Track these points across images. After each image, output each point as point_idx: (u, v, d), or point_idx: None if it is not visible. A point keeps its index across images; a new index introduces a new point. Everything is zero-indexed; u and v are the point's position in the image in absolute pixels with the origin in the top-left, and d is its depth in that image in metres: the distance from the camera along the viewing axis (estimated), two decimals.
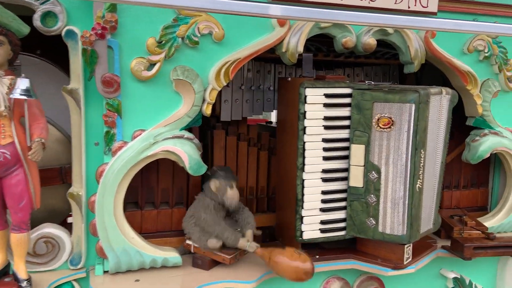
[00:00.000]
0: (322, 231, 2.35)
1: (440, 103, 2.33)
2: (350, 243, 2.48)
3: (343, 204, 2.37)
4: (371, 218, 2.30)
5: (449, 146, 2.89)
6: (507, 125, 2.85)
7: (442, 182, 2.52)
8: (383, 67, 3.05)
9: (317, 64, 2.86)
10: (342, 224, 2.38)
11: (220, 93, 2.70)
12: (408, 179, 2.21)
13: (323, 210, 2.34)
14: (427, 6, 2.47)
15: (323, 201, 2.34)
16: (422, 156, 2.25)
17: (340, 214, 2.38)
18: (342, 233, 2.39)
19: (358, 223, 2.34)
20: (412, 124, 2.17)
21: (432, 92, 2.25)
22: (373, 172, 2.26)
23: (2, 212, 2.00)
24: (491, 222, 2.87)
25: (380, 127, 2.21)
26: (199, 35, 2.13)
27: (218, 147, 2.64)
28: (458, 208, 2.98)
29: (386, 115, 2.20)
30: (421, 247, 2.54)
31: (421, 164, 2.25)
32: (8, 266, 2.08)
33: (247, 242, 2.21)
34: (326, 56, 2.71)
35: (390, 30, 2.44)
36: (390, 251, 2.35)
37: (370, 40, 2.40)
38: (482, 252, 2.47)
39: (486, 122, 2.77)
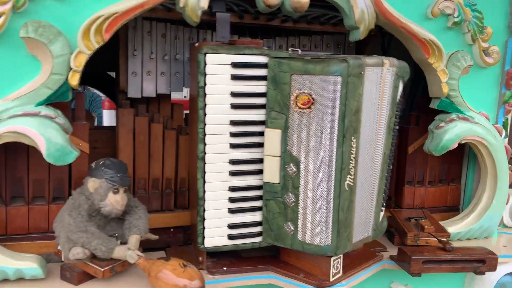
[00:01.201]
0: (230, 237, 1.86)
1: (381, 78, 1.80)
2: (277, 251, 1.99)
3: (258, 203, 1.87)
4: (289, 223, 1.80)
5: (413, 134, 2.40)
6: (482, 109, 2.33)
7: (388, 179, 2.01)
8: (337, 36, 2.51)
9: (252, 31, 2.35)
10: (257, 229, 1.89)
11: (126, 63, 2.22)
12: (333, 174, 1.70)
13: (231, 211, 1.84)
14: None
15: (231, 200, 1.83)
16: (354, 146, 1.73)
17: (255, 216, 1.88)
18: (258, 239, 1.90)
19: (275, 228, 1.85)
20: (338, 104, 1.65)
21: (369, 62, 1.72)
22: (291, 164, 1.75)
23: None
24: (458, 227, 2.37)
25: (299, 107, 1.70)
26: None
27: (124, 130, 2.16)
28: (420, 208, 2.48)
29: (305, 92, 1.68)
30: (362, 257, 2.05)
31: (353, 156, 1.74)
32: None
33: (127, 251, 1.73)
34: (255, 19, 2.18)
35: None
36: (315, 263, 1.86)
37: None
38: (434, 267, 1.96)
39: (454, 104, 2.25)
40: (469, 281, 2.36)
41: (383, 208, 2.02)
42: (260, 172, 1.84)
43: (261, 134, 1.81)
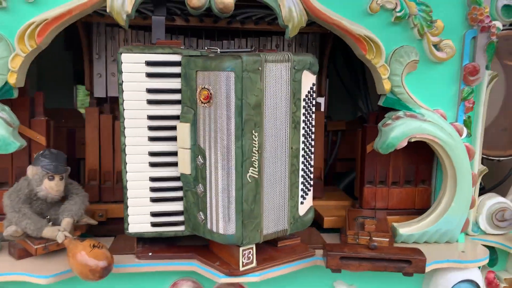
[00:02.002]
0: (153, 224, 1.99)
1: (288, 73, 1.83)
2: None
3: (179, 194, 1.98)
4: (200, 212, 1.90)
5: (372, 132, 2.36)
6: (439, 106, 2.23)
7: (307, 172, 2.01)
8: (299, 36, 2.54)
9: (209, 34, 2.48)
10: (180, 218, 2.00)
11: (91, 65, 2.47)
12: (233, 166, 1.77)
13: (153, 200, 1.98)
14: None
15: (153, 190, 1.97)
16: (256, 139, 1.78)
17: (177, 206, 2.00)
18: (181, 228, 2.01)
19: (192, 217, 1.95)
20: (233, 98, 1.73)
21: (270, 58, 1.77)
22: (200, 156, 1.85)
23: None
24: (411, 228, 2.29)
25: (202, 102, 1.80)
26: None
27: (90, 127, 2.41)
28: (380, 209, 2.42)
29: (205, 87, 1.78)
30: (293, 251, 2.07)
31: (255, 149, 1.79)
32: None
33: (57, 232, 1.94)
34: (201, 21, 2.30)
35: None
36: (229, 253, 1.92)
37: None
38: (354, 264, 1.93)
39: (401, 101, 2.19)
40: (427, 282, 2.25)
41: (304, 201, 2.02)
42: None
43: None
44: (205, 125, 1.81)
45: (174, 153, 1.95)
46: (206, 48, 1.96)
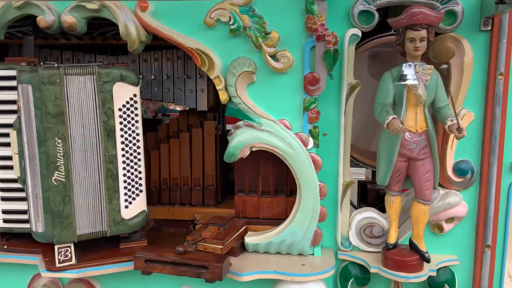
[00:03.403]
0: (4, 221, 2.25)
1: (95, 85, 1.99)
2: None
3: (24, 194, 2.22)
4: (28, 211, 2.11)
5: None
6: (284, 116, 2.22)
7: (135, 178, 2.13)
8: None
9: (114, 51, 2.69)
10: (26, 216, 2.23)
11: None
12: (37, 170, 1.97)
13: (3, 199, 2.23)
14: None
15: (1, 190, 2.23)
16: (60, 145, 1.96)
17: (23, 205, 2.23)
18: (28, 225, 2.24)
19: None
20: (32, 108, 1.93)
21: (70, 72, 1.95)
22: (22, 160, 2.07)
23: None
24: (256, 238, 2.30)
25: (18, 111, 2.02)
26: None
27: None
28: (243, 217, 2.44)
29: (17, 98, 2.00)
30: (129, 253, 2.18)
31: (60, 155, 1.97)
32: None
33: None
34: (80, 39, 2.54)
35: (92, 6, 2.17)
36: (53, 250, 2.10)
37: (67, 18, 2.18)
38: (158, 267, 1.99)
39: (241, 111, 2.22)
40: None
41: (130, 206, 2.13)
42: None
43: None
44: (22, 133, 2.02)
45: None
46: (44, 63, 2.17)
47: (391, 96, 2.08)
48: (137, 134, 2.12)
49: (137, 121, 2.11)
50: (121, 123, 2.06)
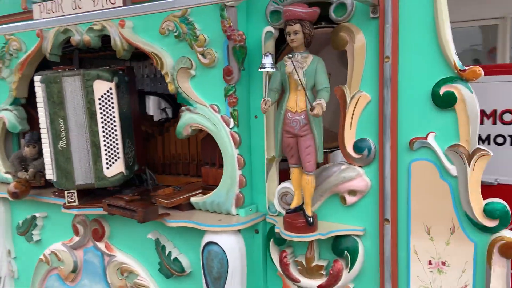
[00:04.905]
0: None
1: (80, 83, 2.91)
2: None
3: None
4: None
5: None
6: (213, 101, 2.79)
7: (113, 148, 2.97)
8: None
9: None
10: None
11: None
12: (51, 140, 2.99)
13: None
14: (115, 3, 2.99)
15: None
16: (62, 124, 2.95)
17: None
18: None
19: None
20: (46, 100, 2.96)
21: (66, 74, 2.92)
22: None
23: None
24: (197, 198, 2.88)
25: None
26: None
27: None
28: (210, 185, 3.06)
29: None
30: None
31: (62, 130, 2.95)
32: None
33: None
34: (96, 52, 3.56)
35: (97, 27, 3.12)
36: None
37: (84, 37, 3.18)
38: (113, 209, 2.80)
39: (185, 99, 2.86)
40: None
41: (110, 168, 2.98)
42: None
43: None
44: (45, 116, 3.09)
45: None
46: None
47: (278, 82, 2.46)
48: (114, 117, 2.97)
49: (113, 107, 2.97)
50: (100, 108, 2.95)
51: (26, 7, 3.46)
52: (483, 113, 4.27)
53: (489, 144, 4.32)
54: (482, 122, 4.31)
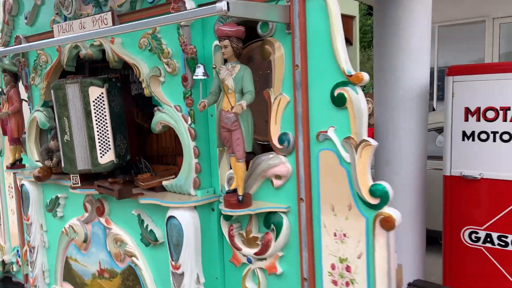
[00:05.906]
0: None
1: (78, 89, 3.67)
2: None
3: None
4: None
5: None
6: (177, 103, 3.43)
7: (104, 141, 3.70)
8: None
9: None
10: None
11: None
12: (60, 133, 3.79)
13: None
14: (107, 24, 3.73)
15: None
16: (66, 122, 3.73)
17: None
18: None
19: None
20: (55, 102, 3.76)
21: (68, 82, 3.69)
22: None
23: None
24: (168, 182, 3.53)
25: None
26: None
27: None
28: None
29: None
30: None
31: (67, 126, 3.73)
32: None
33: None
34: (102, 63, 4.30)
35: (96, 43, 3.87)
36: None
37: (88, 51, 3.95)
38: (100, 189, 3.53)
39: (157, 101, 3.53)
40: None
41: (104, 156, 3.71)
42: None
43: None
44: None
45: None
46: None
47: (215, 86, 3.05)
48: (105, 115, 3.70)
49: (104, 108, 3.70)
50: (94, 109, 3.69)
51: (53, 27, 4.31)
52: (467, 110, 4.56)
53: (473, 140, 4.60)
54: (466, 119, 4.61)
